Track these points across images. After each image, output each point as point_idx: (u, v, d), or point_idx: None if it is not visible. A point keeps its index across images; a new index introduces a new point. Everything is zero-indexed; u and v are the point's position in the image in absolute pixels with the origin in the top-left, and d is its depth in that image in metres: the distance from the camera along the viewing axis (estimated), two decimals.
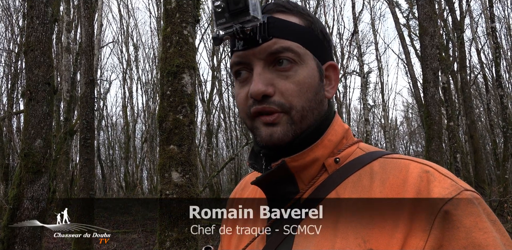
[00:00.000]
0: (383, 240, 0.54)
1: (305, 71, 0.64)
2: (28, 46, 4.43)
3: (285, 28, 0.64)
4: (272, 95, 0.62)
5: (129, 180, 22.70)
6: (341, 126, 0.69)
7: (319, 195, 0.63)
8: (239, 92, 0.66)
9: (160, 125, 2.64)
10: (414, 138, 31.57)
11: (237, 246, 0.71)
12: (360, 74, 17.26)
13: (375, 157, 0.64)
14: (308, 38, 0.65)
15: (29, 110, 4.33)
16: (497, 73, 11.44)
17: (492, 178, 20.10)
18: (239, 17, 0.60)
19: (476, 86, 22.29)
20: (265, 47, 0.63)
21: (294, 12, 0.66)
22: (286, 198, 0.65)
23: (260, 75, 0.63)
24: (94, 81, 7.88)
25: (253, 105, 0.63)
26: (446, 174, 0.58)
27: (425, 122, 7.23)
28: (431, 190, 0.55)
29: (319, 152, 0.65)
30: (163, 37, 2.82)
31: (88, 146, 7.21)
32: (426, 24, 7.36)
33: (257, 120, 0.64)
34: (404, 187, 0.57)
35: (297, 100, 0.63)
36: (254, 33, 0.62)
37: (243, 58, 0.64)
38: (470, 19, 17.50)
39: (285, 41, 0.63)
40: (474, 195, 0.56)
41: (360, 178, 0.62)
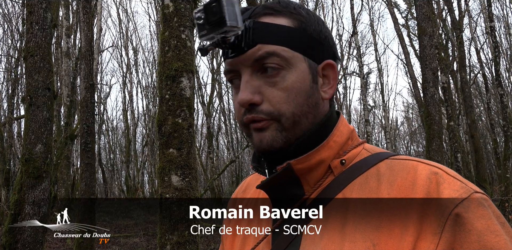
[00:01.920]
0: (393, 244, 0.53)
1: (294, 75, 0.62)
2: (28, 51, 4.44)
3: (270, 33, 0.62)
4: (260, 104, 0.62)
5: (130, 184, 22.69)
6: (346, 127, 0.67)
7: (325, 197, 0.62)
8: (234, 99, 0.66)
9: (159, 128, 2.65)
10: (415, 138, 31.53)
11: (241, 247, 0.71)
12: (360, 75, 17.27)
13: (382, 158, 0.63)
14: (297, 40, 0.63)
15: (30, 115, 4.34)
16: (496, 72, 11.44)
17: (493, 177, 20.07)
18: (217, 28, 0.59)
19: (476, 85, 22.28)
20: (250, 54, 0.61)
21: (283, 13, 0.64)
22: (291, 200, 0.64)
23: (247, 83, 0.62)
24: (94, 85, 7.89)
25: (244, 114, 0.63)
26: (455, 176, 0.57)
27: (425, 122, 7.23)
28: (441, 192, 0.54)
29: (325, 153, 0.63)
30: (161, 41, 2.84)
31: (89, 151, 7.22)
32: (424, 24, 7.37)
33: (250, 127, 0.64)
34: (413, 189, 0.56)
35: (286, 106, 0.61)
36: (239, 40, 0.61)
37: (232, 65, 0.64)
38: (469, 18, 17.53)
39: (270, 46, 0.61)
40: (484, 197, 0.55)
41: (367, 180, 0.61)
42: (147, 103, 24.09)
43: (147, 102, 24.06)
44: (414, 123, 31.42)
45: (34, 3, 4.47)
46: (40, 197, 4.10)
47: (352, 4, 16.30)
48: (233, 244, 0.74)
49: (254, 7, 0.66)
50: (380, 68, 22.10)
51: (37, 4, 4.47)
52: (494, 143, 14.16)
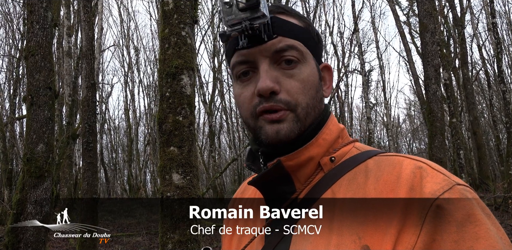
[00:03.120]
0: (378, 236, 0.55)
1: (308, 69, 0.66)
2: (29, 51, 4.44)
3: (288, 28, 0.66)
4: (278, 93, 0.64)
5: (132, 183, 22.74)
6: (336, 126, 0.70)
7: (315, 194, 0.63)
8: (242, 91, 0.67)
9: (160, 127, 2.64)
10: (417, 136, 31.50)
11: (238, 246, 0.72)
12: (362, 73, 17.24)
13: (370, 155, 0.65)
14: (308, 38, 0.68)
15: (31, 115, 4.34)
16: (499, 68, 11.39)
17: (496, 174, 20.02)
18: (248, 14, 0.62)
19: (478, 82, 22.23)
20: (270, 45, 0.64)
21: (293, 14, 0.69)
22: (283, 197, 0.66)
23: (267, 72, 0.64)
24: (96, 84, 7.90)
25: (260, 104, 0.64)
26: (439, 169, 0.58)
27: (427, 119, 7.21)
28: (423, 186, 0.55)
29: (314, 151, 0.65)
30: (161, 39, 2.83)
31: (91, 150, 7.23)
32: (426, 21, 7.34)
33: (261, 119, 0.65)
34: (398, 183, 0.57)
35: (302, 97, 0.65)
36: (259, 31, 0.64)
37: (248, 56, 0.66)
38: (470, 15, 17.46)
39: (289, 39, 0.65)
40: (466, 189, 0.56)
41: (355, 175, 0.62)
42: (149, 102, 24.12)
43: (149, 101, 24.10)
44: (416, 120, 31.39)
45: (34, 2, 4.47)
46: (42, 197, 4.10)
47: (353, 1, 16.25)
48: (231, 243, 0.76)
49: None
50: (381, 65, 22.07)
51: (37, 3, 4.46)
52: (497, 140, 14.12)
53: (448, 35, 15.43)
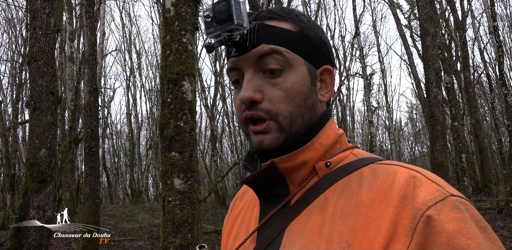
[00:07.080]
0: (366, 245, 0.54)
1: (294, 76, 0.65)
2: (32, 56, 4.48)
3: (274, 34, 0.65)
4: (260, 102, 0.64)
5: (134, 187, 22.74)
6: (333, 131, 0.69)
7: (308, 198, 0.64)
8: (235, 98, 0.69)
9: (162, 132, 2.66)
10: (419, 139, 31.40)
11: (232, 246, 0.74)
12: (363, 76, 17.25)
13: (367, 162, 0.64)
14: (299, 43, 0.67)
15: (34, 120, 4.37)
16: (500, 71, 11.39)
17: (498, 178, 19.94)
18: (225, 26, 0.63)
19: (480, 85, 22.21)
20: (254, 52, 0.65)
21: (286, 18, 0.68)
22: (277, 200, 0.67)
23: (249, 81, 0.65)
24: (98, 89, 7.93)
25: (244, 111, 0.66)
26: (434, 179, 0.57)
27: (429, 123, 7.21)
28: (416, 195, 0.54)
29: (309, 154, 0.65)
30: (162, 45, 2.85)
31: (93, 154, 7.25)
32: (427, 25, 7.36)
33: (248, 128, 0.66)
34: (391, 191, 0.56)
35: (285, 106, 0.64)
36: (244, 40, 0.64)
37: (236, 64, 0.67)
38: (472, 18, 17.47)
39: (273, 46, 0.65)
40: (460, 201, 0.54)
41: (350, 182, 0.62)
42: (151, 106, 24.17)
43: (151, 105, 24.15)
44: (418, 123, 31.34)
45: (37, 8, 4.51)
46: (45, 201, 4.12)
47: (354, 5, 16.29)
48: (227, 242, 0.78)
49: (259, 11, 0.70)
50: (383, 69, 22.09)
51: (40, 9, 4.51)
52: (499, 143, 14.07)
53: (450, 38, 15.44)
